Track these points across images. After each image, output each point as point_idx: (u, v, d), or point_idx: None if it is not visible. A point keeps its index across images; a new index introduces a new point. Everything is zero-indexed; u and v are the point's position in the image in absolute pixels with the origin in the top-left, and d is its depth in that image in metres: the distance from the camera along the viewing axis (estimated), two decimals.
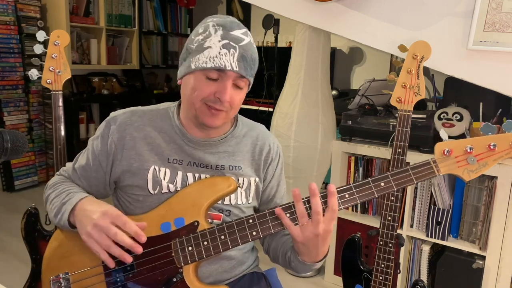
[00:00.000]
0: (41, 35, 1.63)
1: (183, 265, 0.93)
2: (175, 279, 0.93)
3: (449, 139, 0.96)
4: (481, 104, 1.88)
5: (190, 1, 4.64)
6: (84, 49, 3.88)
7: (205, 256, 0.92)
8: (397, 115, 1.41)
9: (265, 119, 2.77)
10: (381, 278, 1.43)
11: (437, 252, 2.00)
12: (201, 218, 0.95)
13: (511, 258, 1.74)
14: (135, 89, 4.30)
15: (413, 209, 1.98)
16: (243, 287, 1.09)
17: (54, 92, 1.61)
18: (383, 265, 1.43)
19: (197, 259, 0.93)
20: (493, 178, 1.76)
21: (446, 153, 0.92)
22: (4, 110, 3.35)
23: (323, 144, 2.27)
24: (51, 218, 1.01)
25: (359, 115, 2.10)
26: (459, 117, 1.82)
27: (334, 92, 3.28)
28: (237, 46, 0.94)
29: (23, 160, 3.51)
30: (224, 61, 0.92)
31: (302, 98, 2.26)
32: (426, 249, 1.96)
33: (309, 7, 1.89)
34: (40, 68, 1.62)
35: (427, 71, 2.12)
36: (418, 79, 1.36)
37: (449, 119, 1.84)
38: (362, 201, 0.92)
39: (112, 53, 4.06)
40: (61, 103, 1.63)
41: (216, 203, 1.00)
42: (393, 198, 1.40)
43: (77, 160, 1.09)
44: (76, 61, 3.74)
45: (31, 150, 3.56)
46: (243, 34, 0.97)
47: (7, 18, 3.27)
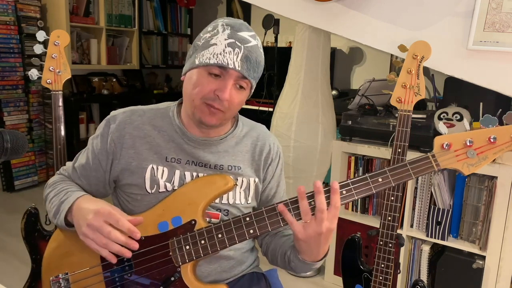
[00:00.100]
0: (41, 35, 1.63)
1: (181, 264, 0.93)
2: (173, 278, 0.93)
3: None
4: (481, 104, 1.88)
5: (190, 1, 4.64)
6: (84, 49, 3.88)
7: (202, 255, 0.92)
8: (397, 115, 1.41)
9: (265, 119, 2.77)
10: (381, 278, 1.43)
11: (437, 252, 2.00)
12: (199, 216, 0.94)
13: (511, 258, 1.74)
14: (135, 89, 4.30)
15: (413, 209, 1.98)
16: (242, 287, 1.09)
17: (54, 92, 1.61)
18: (383, 265, 1.43)
19: (194, 258, 0.92)
20: (493, 178, 1.76)
21: (445, 147, 0.90)
22: (4, 110, 3.35)
23: (323, 144, 2.27)
24: (50, 218, 1.02)
25: (359, 115, 2.10)
26: (459, 117, 1.82)
27: (334, 92, 3.28)
28: (242, 46, 0.94)
29: (23, 160, 3.51)
30: (227, 59, 0.92)
31: (302, 98, 2.26)
32: (426, 249, 1.96)
33: (309, 7, 1.89)
34: (40, 68, 1.62)
35: (427, 71, 2.12)
36: (418, 79, 1.36)
37: (449, 119, 1.84)
38: (360, 197, 0.90)
39: (112, 53, 4.06)
40: (61, 103, 1.63)
41: (213, 201, 0.99)
42: (393, 198, 1.40)
43: (77, 159, 1.09)
44: (76, 61, 3.74)
45: (31, 150, 3.56)
46: (250, 36, 0.97)
47: (7, 18, 3.27)
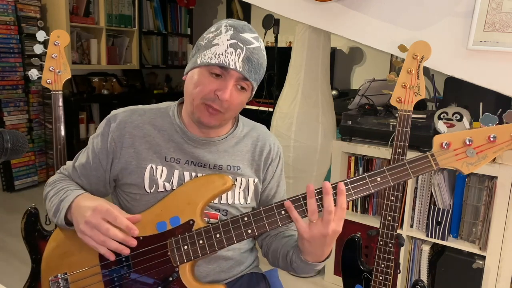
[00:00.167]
0: (41, 35, 1.63)
1: (179, 264, 0.93)
2: (171, 278, 0.93)
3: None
4: (481, 104, 1.88)
5: (190, 1, 4.64)
6: (84, 49, 3.88)
7: (200, 255, 0.92)
8: (397, 115, 1.41)
9: (265, 119, 2.77)
10: (381, 278, 1.43)
11: (437, 252, 2.00)
12: (197, 216, 0.94)
13: (511, 258, 1.74)
14: (135, 89, 4.30)
15: (413, 209, 1.98)
16: (241, 287, 1.09)
17: (54, 92, 1.61)
18: (383, 265, 1.43)
19: (192, 258, 0.92)
20: (493, 178, 1.76)
21: (444, 146, 0.90)
22: (4, 110, 3.35)
23: (323, 144, 2.27)
24: (50, 217, 1.01)
25: (359, 115, 2.10)
26: (459, 117, 1.82)
27: (334, 92, 3.28)
28: (244, 47, 0.94)
29: (23, 160, 3.51)
30: (229, 60, 0.92)
31: (302, 98, 2.26)
32: (426, 249, 1.96)
33: (309, 7, 1.89)
34: (40, 68, 1.62)
35: (427, 71, 2.12)
36: (418, 79, 1.36)
37: (449, 119, 1.84)
38: (358, 196, 0.90)
39: (112, 53, 4.06)
40: (61, 103, 1.63)
41: (212, 201, 0.99)
42: (393, 198, 1.40)
43: (77, 159, 1.09)
44: (76, 61, 3.74)
45: (31, 150, 3.56)
46: (253, 38, 0.97)
47: (7, 18, 3.27)
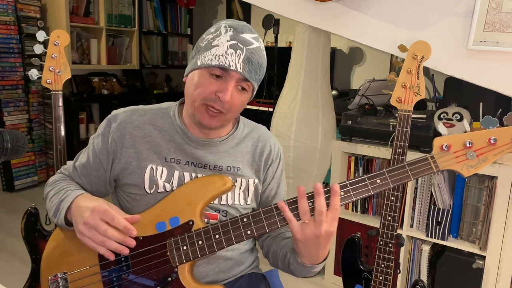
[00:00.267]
0: (41, 35, 1.63)
1: (178, 264, 0.93)
2: (170, 278, 0.93)
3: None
4: (481, 104, 1.88)
5: (190, 1, 4.64)
6: (84, 49, 3.88)
7: (200, 256, 0.92)
8: (397, 115, 1.41)
9: (265, 119, 2.77)
10: (381, 278, 1.43)
11: (437, 252, 2.00)
12: (196, 217, 0.94)
13: (511, 258, 1.74)
14: (135, 89, 4.30)
15: (413, 209, 1.98)
16: (241, 287, 1.09)
17: (54, 92, 1.61)
18: (383, 265, 1.43)
19: (192, 258, 0.92)
20: (493, 178, 1.76)
21: (444, 148, 0.90)
22: (4, 110, 3.35)
23: (323, 144, 2.27)
24: (50, 217, 1.02)
25: (359, 115, 2.10)
26: (459, 117, 1.82)
27: (334, 92, 3.28)
28: (244, 48, 0.94)
29: (23, 160, 3.51)
30: (229, 61, 0.92)
31: (302, 98, 2.25)
32: (426, 249, 1.96)
33: (309, 7, 1.89)
34: (40, 68, 1.62)
35: (427, 71, 2.12)
36: (418, 79, 1.36)
37: (449, 119, 1.84)
38: (358, 198, 0.90)
39: (112, 53, 4.06)
40: (61, 103, 1.63)
41: (211, 202, 0.99)
42: (393, 198, 1.40)
43: (77, 158, 1.09)
44: (76, 61, 3.74)
45: (31, 150, 3.56)
46: (253, 38, 0.97)
47: (7, 18, 3.27)
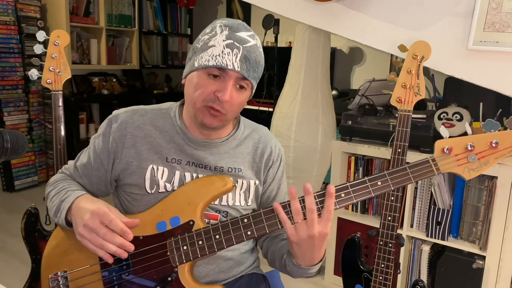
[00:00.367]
0: (41, 35, 1.63)
1: (178, 264, 0.93)
2: (170, 278, 0.93)
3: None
4: (481, 104, 1.88)
5: (190, 1, 4.64)
6: (84, 49, 3.88)
7: (200, 256, 0.92)
8: (397, 115, 1.41)
9: (265, 119, 2.78)
10: (381, 278, 1.43)
11: (437, 252, 2.00)
12: (197, 217, 0.95)
13: (511, 258, 1.74)
14: (135, 89, 4.30)
15: (413, 209, 1.98)
16: (241, 287, 1.09)
17: (54, 92, 1.61)
18: (383, 265, 1.43)
19: (192, 258, 0.92)
20: (493, 178, 1.76)
21: (446, 151, 0.90)
22: (4, 110, 3.35)
23: (323, 144, 2.27)
24: (51, 217, 1.02)
25: (359, 115, 2.10)
26: (459, 117, 1.82)
27: (334, 92, 3.28)
28: (241, 46, 0.93)
29: (23, 160, 3.51)
30: (226, 60, 0.92)
31: (302, 98, 2.26)
32: (426, 249, 1.96)
33: (309, 7, 1.89)
34: (40, 68, 1.62)
35: (427, 71, 2.12)
36: (418, 79, 1.36)
37: (449, 119, 1.84)
38: (358, 200, 0.90)
39: (112, 53, 4.06)
40: (61, 103, 1.63)
41: (212, 202, 0.99)
42: (393, 198, 1.40)
43: (78, 158, 1.09)
44: (76, 61, 3.74)
45: (31, 150, 3.56)
46: (249, 36, 0.96)
47: (7, 18, 3.27)
